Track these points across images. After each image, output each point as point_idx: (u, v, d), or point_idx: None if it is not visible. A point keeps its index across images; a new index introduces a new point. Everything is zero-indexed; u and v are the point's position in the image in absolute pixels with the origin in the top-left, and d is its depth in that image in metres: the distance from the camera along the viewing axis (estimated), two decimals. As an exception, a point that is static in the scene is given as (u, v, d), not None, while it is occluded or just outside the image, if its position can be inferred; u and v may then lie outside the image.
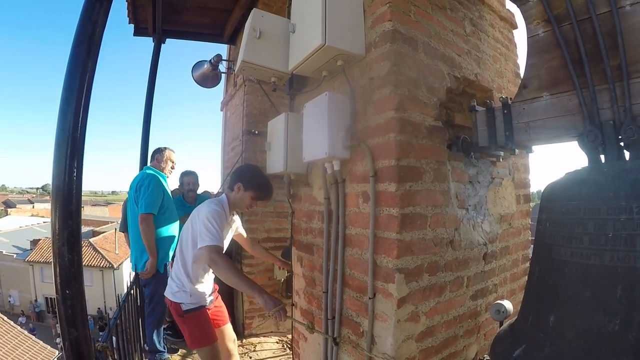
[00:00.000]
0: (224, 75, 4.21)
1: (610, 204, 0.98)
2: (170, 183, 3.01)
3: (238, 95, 3.87)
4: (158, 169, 2.87)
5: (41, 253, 20.67)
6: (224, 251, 1.87)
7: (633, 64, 1.10)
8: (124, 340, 2.09)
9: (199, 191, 3.58)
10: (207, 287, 2.05)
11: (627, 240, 0.94)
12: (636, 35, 1.10)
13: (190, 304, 1.91)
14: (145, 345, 2.58)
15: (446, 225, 1.57)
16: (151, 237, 2.61)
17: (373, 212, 1.46)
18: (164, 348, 2.81)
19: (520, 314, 1.26)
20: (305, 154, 1.71)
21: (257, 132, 3.52)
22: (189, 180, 3.47)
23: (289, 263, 2.31)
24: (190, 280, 1.91)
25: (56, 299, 1.21)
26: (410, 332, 1.43)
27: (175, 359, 2.97)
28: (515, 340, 1.18)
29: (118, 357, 1.93)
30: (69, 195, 1.18)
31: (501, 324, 1.51)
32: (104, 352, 1.64)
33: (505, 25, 2.18)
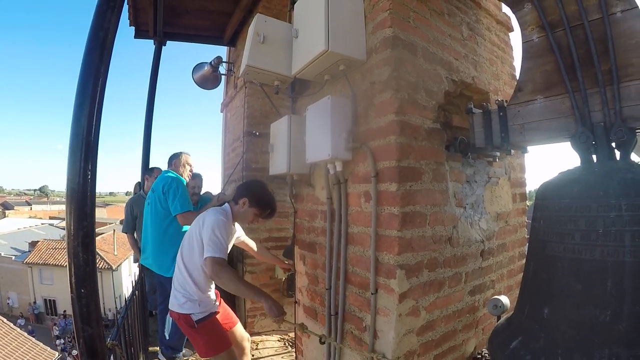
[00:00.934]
0: (223, 77, 4.24)
1: (601, 201, 1.04)
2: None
3: (239, 97, 3.90)
4: (177, 173, 2.90)
5: (40, 255, 20.53)
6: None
7: (623, 69, 1.16)
8: (130, 338, 2.13)
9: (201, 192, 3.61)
10: (213, 292, 2.03)
11: (617, 236, 1.00)
12: (626, 40, 1.16)
13: (200, 313, 1.84)
14: (165, 335, 2.47)
15: (445, 223, 1.63)
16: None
17: (375, 211, 1.52)
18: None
19: (516, 308, 1.32)
20: (309, 155, 1.76)
21: (258, 134, 3.54)
22: (195, 184, 3.48)
23: (292, 264, 2.33)
24: (199, 288, 1.86)
25: (71, 297, 1.24)
26: (411, 326, 1.49)
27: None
28: (512, 333, 1.23)
29: (126, 356, 1.96)
30: (83, 197, 1.22)
31: (498, 319, 1.56)
32: (113, 350, 1.68)
33: (502, 28, 2.23)
